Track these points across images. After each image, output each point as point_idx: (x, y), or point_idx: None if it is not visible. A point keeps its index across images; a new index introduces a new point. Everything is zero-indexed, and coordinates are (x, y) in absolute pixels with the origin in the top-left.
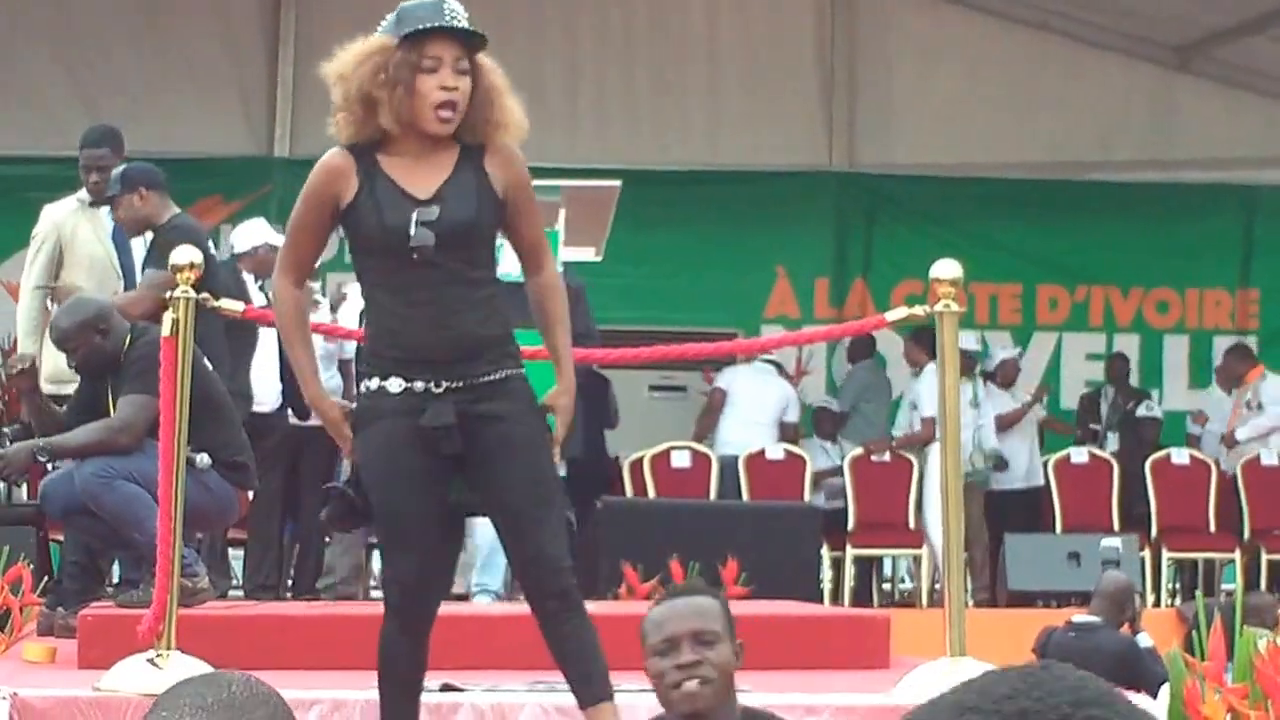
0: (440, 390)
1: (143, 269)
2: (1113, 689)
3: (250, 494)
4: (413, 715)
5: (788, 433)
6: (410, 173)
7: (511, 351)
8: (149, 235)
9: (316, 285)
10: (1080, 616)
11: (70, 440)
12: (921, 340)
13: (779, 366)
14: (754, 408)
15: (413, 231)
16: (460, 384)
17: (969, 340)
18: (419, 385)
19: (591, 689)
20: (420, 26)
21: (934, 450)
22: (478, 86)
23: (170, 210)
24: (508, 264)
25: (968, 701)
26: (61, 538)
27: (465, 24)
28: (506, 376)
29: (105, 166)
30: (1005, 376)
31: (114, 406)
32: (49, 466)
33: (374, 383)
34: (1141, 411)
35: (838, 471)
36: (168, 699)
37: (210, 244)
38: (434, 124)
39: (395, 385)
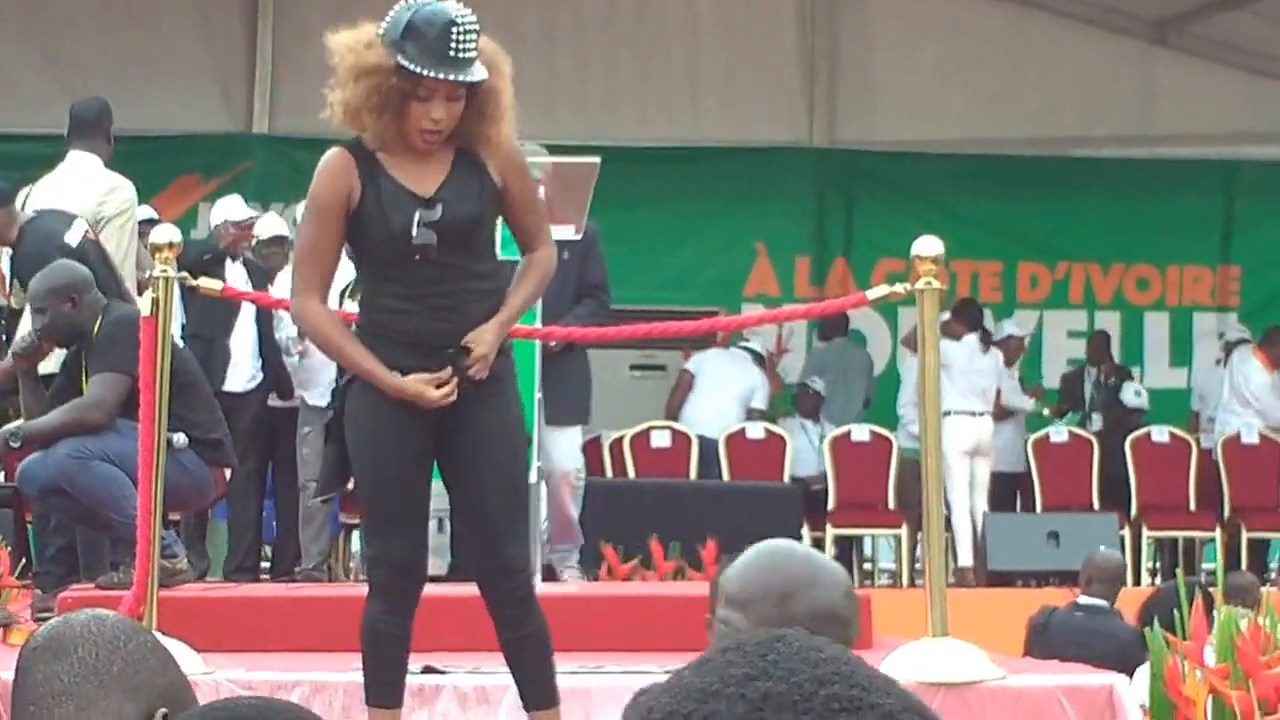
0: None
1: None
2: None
3: (228, 472)
4: (397, 696)
5: (752, 418)
6: (412, 170)
7: (506, 347)
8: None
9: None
10: (1085, 598)
11: (43, 424)
12: (960, 314)
13: (756, 354)
14: (720, 388)
15: (414, 232)
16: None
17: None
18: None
19: (540, 694)
20: (420, 71)
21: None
22: (471, 106)
23: (16, 224)
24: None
25: (707, 686)
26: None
27: (470, 52)
28: (498, 374)
29: None
30: (1008, 353)
31: (86, 384)
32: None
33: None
34: (1129, 398)
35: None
36: (24, 683)
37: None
38: (418, 142)
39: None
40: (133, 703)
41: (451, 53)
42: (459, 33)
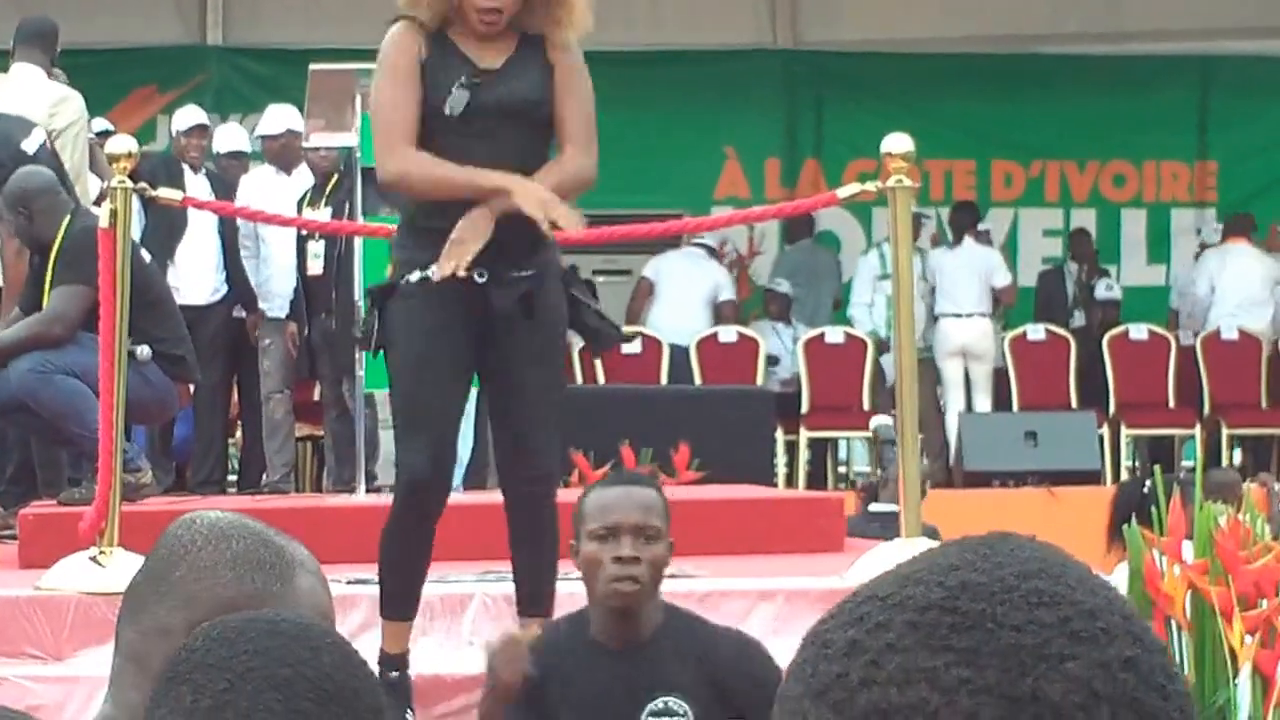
0: (482, 281)
1: None
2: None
3: (191, 386)
4: (407, 609)
5: (724, 312)
6: (475, 47)
7: (551, 246)
8: None
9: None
10: (879, 505)
11: (2, 339)
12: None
13: (710, 249)
14: (682, 291)
15: (453, 90)
16: (496, 266)
17: None
18: (461, 273)
19: (538, 603)
20: None
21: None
22: None
23: None
24: None
25: (912, 572)
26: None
27: None
28: (543, 270)
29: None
30: None
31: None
32: None
33: (414, 275)
34: (1101, 293)
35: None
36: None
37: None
38: (476, 24)
39: (436, 273)
40: (185, 611)
41: None
42: None
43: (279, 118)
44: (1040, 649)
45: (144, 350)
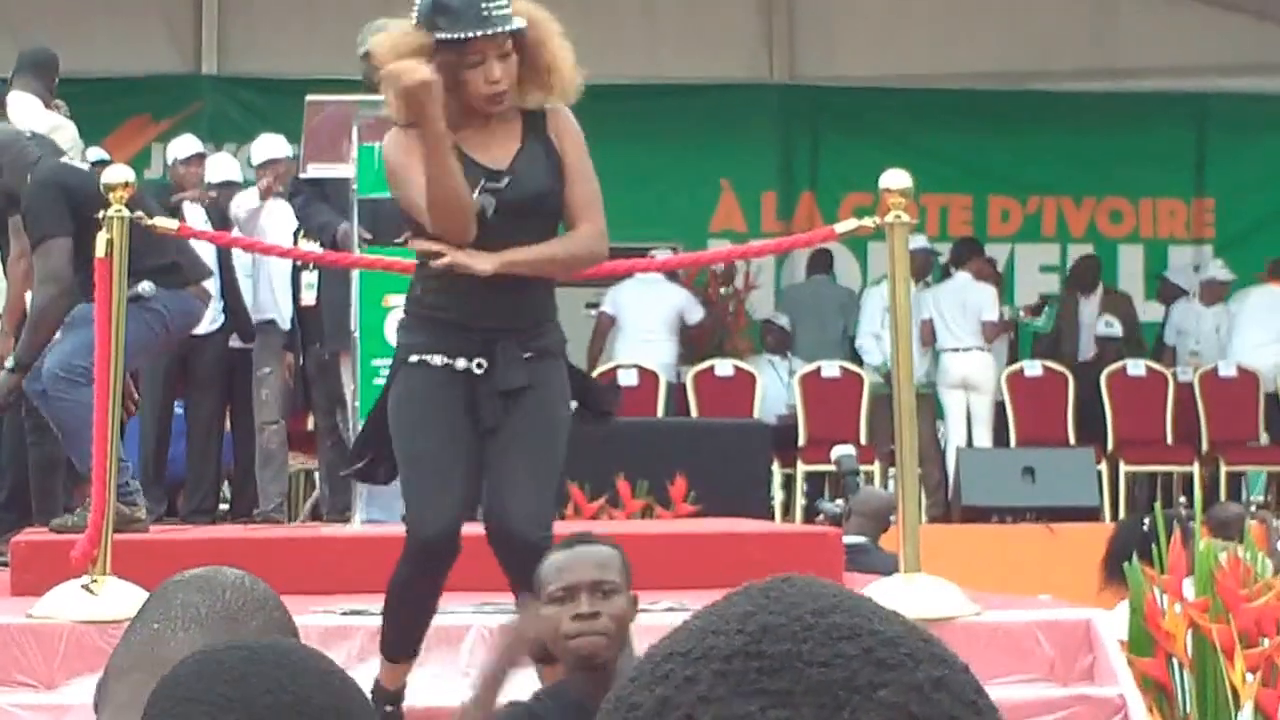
0: (480, 371)
1: None
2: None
3: (205, 285)
4: (411, 651)
5: (696, 333)
6: (482, 145)
7: (555, 327)
8: None
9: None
10: (847, 538)
11: (26, 343)
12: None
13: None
14: (643, 320)
15: (475, 195)
16: (499, 360)
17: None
18: (460, 364)
19: None
20: (459, 35)
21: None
22: (523, 57)
23: None
24: None
25: (708, 625)
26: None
27: (503, 9)
28: (545, 351)
29: None
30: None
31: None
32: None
33: (414, 358)
34: (1101, 329)
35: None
36: (158, 604)
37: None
38: (485, 108)
39: (438, 360)
40: None
41: (485, 12)
42: None
43: (282, 143)
44: (850, 681)
45: (146, 285)
